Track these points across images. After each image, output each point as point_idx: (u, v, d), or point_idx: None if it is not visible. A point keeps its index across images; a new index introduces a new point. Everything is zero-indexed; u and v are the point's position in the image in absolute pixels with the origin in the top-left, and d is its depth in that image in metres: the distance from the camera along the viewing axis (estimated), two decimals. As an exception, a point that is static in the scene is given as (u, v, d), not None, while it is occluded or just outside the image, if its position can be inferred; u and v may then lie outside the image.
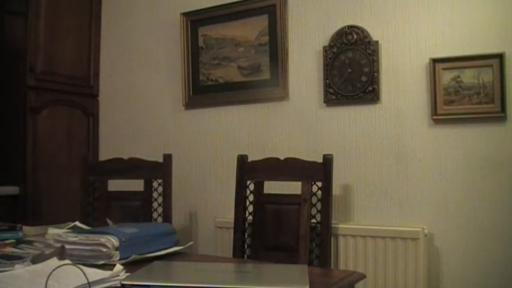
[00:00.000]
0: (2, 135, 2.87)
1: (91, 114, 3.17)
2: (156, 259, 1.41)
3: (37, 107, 2.83)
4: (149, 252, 1.46)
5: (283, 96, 2.53)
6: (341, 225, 2.20)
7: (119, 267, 1.19)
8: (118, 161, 2.33)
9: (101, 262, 1.33)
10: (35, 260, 1.29)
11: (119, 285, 1.08)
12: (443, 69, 2.12)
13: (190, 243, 1.65)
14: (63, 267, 1.02)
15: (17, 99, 2.83)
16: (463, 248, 2.08)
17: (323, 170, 1.96)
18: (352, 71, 2.32)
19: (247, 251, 2.11)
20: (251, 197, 2.13)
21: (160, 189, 2.26)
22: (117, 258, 1.36)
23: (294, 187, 2.07)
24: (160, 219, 2.25)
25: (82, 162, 2.40)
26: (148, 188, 2.28)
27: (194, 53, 2.83)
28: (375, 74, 2.26)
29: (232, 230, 2.13)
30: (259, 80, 2.62)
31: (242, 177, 2.13)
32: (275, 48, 2.56)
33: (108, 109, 3.20)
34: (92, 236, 1.40)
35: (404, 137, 2.23)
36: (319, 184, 1.99)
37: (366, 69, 2.29)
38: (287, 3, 2.54)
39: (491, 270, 2.03)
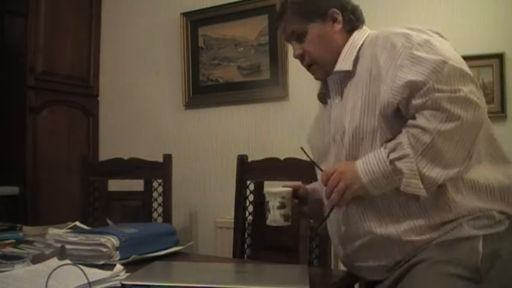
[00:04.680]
0: (2, 135, 2.87)
1: (91, 114, 3.17)
2: (156, 259, 1.41)
3: (37, 107, 2.83)
4: (149, 252, 1.46)
5: (283, 96, 2.53)
6: (341, 225, 2.20)
7: (119, 267, 1.19)
8: (118, 161, 2.33)
9: (101, 262, 1.33)
10: (35, 260, 1.29)
11: (119, 285, 1.08)
12: (443, 69, 2.12)
13: (190, 243, 1.65)
14: (64, 267, 1.02)
15: (17, 99, 2.83)
16: (463, 248, 2.07)
17: (323, 170, 1.96)
18: (352, 71, 2.32)
19: (247, 251, 2.11)
20: (251, 197, 2.13)
21: (160, 189, 2.26)
22: (117, 258, 1.36)
23: (294, 187, 2.06)
24: (160, 219, 2.25)
25: (82, 162, 2.40)
26: (148, 188, 2.27)
27: (194, 53, 2.83)
28: (375, 74, 2.26)
29: (232, 230, 2.12)
30: (259, 80, 2.62)
31: (242, 177, 2.13)
32: (275, 48, 2.56)
33: (108, 109, 3.20)
34: (92, 236, 1.40)
35: (404, 137, 2.22)
36: (319, 184, 1.98)
37: (365, 69, 2.28)
38: (287, 3, 2.54)
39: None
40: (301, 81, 2.50)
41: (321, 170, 1.20)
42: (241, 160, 2.14)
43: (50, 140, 2.89)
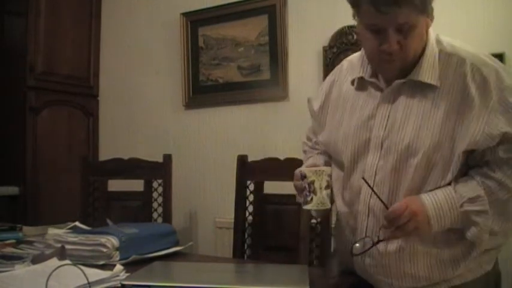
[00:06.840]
0: (2, 135, 2.87)
1: (91, 114, 3.17)
2: (156, 259, 1.41)
3: (37, 107, 2.83)
4: (149, 252, 1.46)
5: (283, 96, 2.53)
6: (341, 225, 2.20)
7: (119, 267, 1.20)
8: (118, 161, 2.33)
9: (101, 262, 1.33)
10: (35, 260, 1.29)
11: (119, 285, 1.08)
12: (443, 69, 2.11)
13: (190, 243, 1.65)
14: (63, 267, 1.03)
15: (17, 99, 2.83)
16: (463, 248, 2.07)
17: (323, 170, 1.95)
18: (352, 71, 2.32)
19: (247, 251, 2.11)
20: (251, 197, 2.13)
21: (160, 189, 2.26)
22: (117, 258, 1.36)
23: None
24: (160, 220, 2.25)
25: (82, 162, 2.40)
26: (148, 188, 2.27)
27: (194, 53, 2.83)
28: (375, 74, 2.26)
29: (232, 230, 2.12)
30: (259, 80, 2.62)
31: (242, 177, 2.13)
32: (275, 48, 2.56)
33: (108, 109, 3.20)
34: (92, 236, 1.40)
35: (404, 137, 2.22)
36: (319, 184, 1.98)
37: (366, 69, 2.28)
38: (287, 3, 2.54)
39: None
40: (301, 81, 2.50)
41: (387, 207, 1.09)
42: (241, 160, 2.14)
43: (50, 140, 2.89)
